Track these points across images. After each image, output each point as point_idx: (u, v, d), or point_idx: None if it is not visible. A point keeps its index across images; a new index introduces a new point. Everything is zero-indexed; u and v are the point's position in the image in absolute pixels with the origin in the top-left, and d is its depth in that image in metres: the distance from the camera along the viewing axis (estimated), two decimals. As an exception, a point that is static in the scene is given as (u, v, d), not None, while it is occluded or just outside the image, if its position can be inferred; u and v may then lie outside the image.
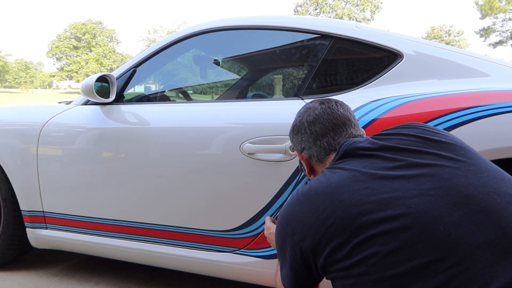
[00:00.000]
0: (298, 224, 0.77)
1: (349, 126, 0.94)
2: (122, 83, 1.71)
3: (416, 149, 0.78)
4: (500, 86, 1.23)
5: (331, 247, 0.70)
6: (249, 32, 1.71)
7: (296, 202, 0.80)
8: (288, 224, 0.79)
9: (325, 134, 0.93)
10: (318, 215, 0.73)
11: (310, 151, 0.96)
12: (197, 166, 1.46)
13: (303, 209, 0.76)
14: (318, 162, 0.96)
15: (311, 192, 0.77)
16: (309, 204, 0.76)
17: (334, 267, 0.71)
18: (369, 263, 0.65)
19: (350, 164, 0.79)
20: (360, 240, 0.67)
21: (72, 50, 48.14)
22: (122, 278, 1.84)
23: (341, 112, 0.95)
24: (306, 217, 0.75)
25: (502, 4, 25.78)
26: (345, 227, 0.69)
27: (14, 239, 1.81)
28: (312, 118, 0.95)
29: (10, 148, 1.75)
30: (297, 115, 1.02)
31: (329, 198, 0.73)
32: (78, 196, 1.66)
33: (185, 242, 1.52)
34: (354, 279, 0.68)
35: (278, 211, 1.36)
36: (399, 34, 1.45)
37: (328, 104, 0.97)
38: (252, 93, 2.54)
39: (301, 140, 0.98)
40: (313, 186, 0.78)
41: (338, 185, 0.74)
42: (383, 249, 0.65)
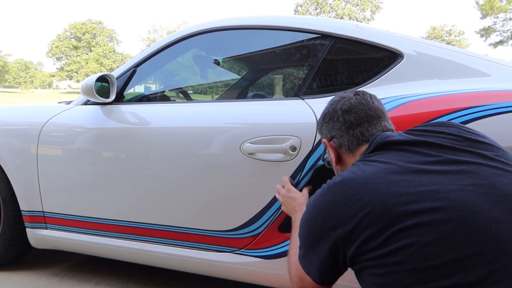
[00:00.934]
0: (330, 213, 0.76)
1: (383, 119, 0.94)
2: (122, 83, 1.71)
3: (453, 146, 0.78)
4: (500, 86, 1.23)
5: (365, 236, 0.70)
6: (249, 32, 1.71)
7: (328, 192, 0.79)
8: (318, 213, 0.79)
9: (359, 124, 0.93)
10: (352, 205, 0.73)
11: (341, 140, 0.96)
12: (197, 166, 1.46)
13: (336, 199, 0.76)
14: (348, 151, 0.95)
15: (344, 182, 0.77)
16: (343, 194, 0.76)
17: (366, 256, 0.71)
18: (406, 253, 0.66)
19: (384, 157, 0.79)
20: (397, 229, 0.67)
21: (72, 50, 48.17)
22: (122, 278, 1.84)
23: (376, 105, 0.95)
24: (339, 207, 0.75)
25: (503, 4, 25.77)
26: (381, 216, 0.69)
27: (14, 239, 1.81)
28: (347, 107, 0.95)
29: (10, 148, 1.75)
30: (330, 103, 1.01)
31: (364, 188, 0.73)
32: (78, 196, 1.66)
33: (185, 242, 1.52)
34: (388, 268, 0.68)
35: (278, 211, 1.36)
36: (399, 34, 1.45)
37: (363, 96, 0.97)
38: (252, 93, 2.54)
39: (332, 128, 0.98)
40: (346, 176, 0.78)
41: (374, 176, 0.74)
42: (421, 239, 0.65)
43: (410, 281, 0.65)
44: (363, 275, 0.75)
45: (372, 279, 0.72)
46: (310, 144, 1.30)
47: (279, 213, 1.36)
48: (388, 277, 0.68)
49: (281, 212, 1.35)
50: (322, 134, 1.04)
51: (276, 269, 1.39)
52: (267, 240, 1.40)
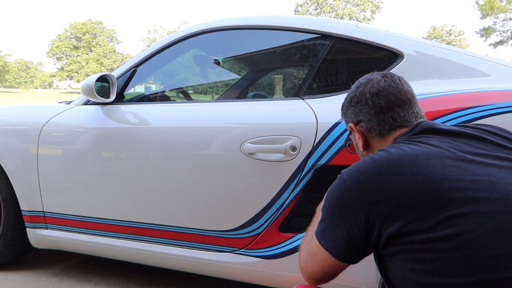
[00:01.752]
0: (374, 186, 0.72)
1: (414, 104, 0.89)
2: (122, 83, 1.71)
3: (502, 143, 0.77)
4: (500, 86, 1.23)
5: (412, 216, 0.67)
6: (249, 32, 1.71)
7: (373, 164, 0.74)
8: (358, 185, 0.74)
9: (390, 108, 0.88)
10: (402, 181, 0.69)
11: (369, 124, 0.91)
12: (198, 166, 1.46)
13: (383, 173, 0.72)
14: (379, 136, 0.90)
15: (394, 158, 0.73)
16: (392, 168, 0.71)
17: (410, 238, 0.67)
18: (460, 240, 0.63)
19: (434, 141, 0.76)
20: (452, 214, 0.64)
21: (72, 50, 48.20)
22: (122, 278, 1.84)
23: (406, 88, 0.90)
24: (386, 181, 0.71)
25: (503, 4, 25.76)
26: (435, 198, 0.66)
27: (14, 239, 1.81)
28: (376, 89, 0.90)
29: (10, 148, 1.75)
30: (356, 86, 0.95)
31: (417, 167, 0.69)
32: (78, 196, 1.66)
33: (185, 242, 1.52)
34: (437, 253, 0.65)
35: (278, 211, 1.36)
36: (399, 34, 1.45)
37: (391, 78, 0.91)
38: (253, 93, 2.54)
39: (359, 112, 0.92)
40: (395, 152, 0.74)
41: (427, 157, 0.71)
42: (478, 228, 0.63)
43: (462, 270, 0.63)
44: (398, 259, 0.71)
45: (413, 264, 0.68)
46: (310, 144, 1.30)
47: (279, 213, 1.36)
48: (437, 264, 0.65)
49: (281, 212, 1.36)
50: (347, 118, 0.98)
51: (276, 269, 1.39)
52: (267, 240, 1.40)
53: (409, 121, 0.87)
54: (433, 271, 0.65)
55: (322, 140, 1.29)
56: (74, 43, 48.27)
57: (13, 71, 61.78)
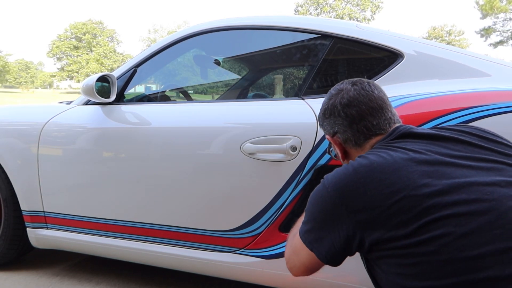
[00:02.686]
0: (354, 195, 0.73)
1: (386, 110, 0.90)
2: (122, 83, 1.71)
3: (479, 144, 0.78)
4: (500, 86, 1.23)
5: (393, 223, 0.68)
6: (249, 32, 1.71)
7: (353, 172, 0.75)
8: (339, 193, 0.75)
9: (362, 118, 0.89)
10: (382, 189, 0.70)
11: (345, 135, 0.92)
12: (198, 166, 1.46)
13: (362, 181, 0.73)
14: (356, 146, 0.92)
15: (373, 165, 0.74)
16: (371, 177, 0.72)
17: (392, 244, 0.69)
18: (440, 243, 0.64)
19: (411, 145, 0.77)
20: (431, 219, 0.65)
21: (72, 50, 48.21)
22: (123, 278, 1.84)
23: (376, 94, 0.91)
24: (366, 190, 0.72)
25: (503, 4, 25.75)
26: (414, 204, 0.67)
27: (15, 239, 1.81)
28: (346, 100, 0.91)
29: (10, 148, 1.75)
30: (328, 98, 0.97)
31: (396, 174, 0.70)
32: (78, 196, 1.66)
33: (186, 242, 1.52)
34: (419, 257, 0.66)
35: (279, 211, 1.36)
36: (399, 34, 1.45)
37: (361, 85, 0.92)
38: (253, 93, 2.54)
39: (333, 124, 0.94)
40: (374, 159, 0.75)
41: (405, 163, 0.72)
42: (457, 230, 0.64)
43: (443, 272, 0.63)
44: (382, 263, 0.72)
45: (397, 269, 0.69)
46: (310, 144, 1.31)
47: (279, 213, 1.36)
48: (419, 268, 0.66)
49: (282, 212, 1.36)
50: (324, 129, 1.00)
51: (276, 269, 1.39)
52: (267, 240, 1.40)
53: (383, 128, 0.88)
54: (415, 275, 0.66)
55: (322, 140, 1.29)
56: (75, 43, 48.28)
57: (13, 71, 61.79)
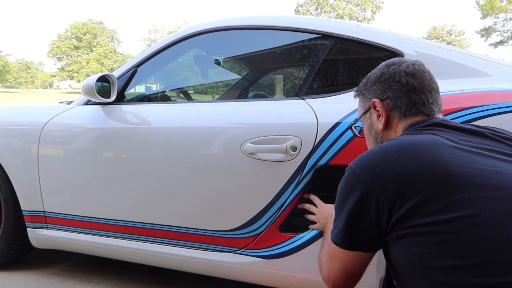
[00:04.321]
0: (382, 172, 0.72)
1: (439, 96, 0.90)
2: (123, 83, 1.71)
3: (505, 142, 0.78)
4: (501, 86, 1.23)
5: (420, 198, 0.67)
6: (250, 32, 1.71)
7: (380, 152, 0.75)
8: (367, 172, 0.74)
9: (422, 90, 0.87)
10: (412, 166, 0.70)
11: (398, 102, 0.89)
12: (198, 166, 1.46)
13: (392, 158, 0.72)
14: (402, 116, 0.89)
15: (403, 145, 0.74)
16: (401, 155, 0.72)
17: (417, 221, 0.68)
18: (468, 222, 0.64)
19: (443, 133, 0.77)
20: (461, 198, 0.65)
21: (73, 50, 48.23)
22: (123, 278, 1.84)
23: (434, 79, 0.91)
24: (395, 166, 0.71)
25: (503, 4, 25.74)
26: (444, 182, 0.67)
27: (15, 239, 1.81)
28: (412, 70, 0.89)
29: (11, 148, 1.75)
30: (387, 64, 0.94)
31: (427, 153, 0.70)
32: (79, 196, 1.66)
33: (186, 242, 1.52)
34: (445, 236, 0.65)
35: (279, 211, 1.36)
36: (400, 34, 1.45)
37: (423, 66, 0.92)
38: (253, 93, 2.54)
39: (388, 88, 0.91)
40: (403, 140, 0.75)
41: (436, 145, 0.72)
42: (487, 212, 0.64)
43: (469, 251, 0.63)
44: (402, 243, 0.71)
45: (419, 248, 0.68)
46: (310, 144, 1.30)
47: (279, 213, 1.36)
48: (444, 246, 0.65)
49: (282, 212, 1.36)
50: (369, 94, 0.96)
51: (276, 269, 1.39)
52: (267, 240, 1.40)
53: (433, 110, 0.88)
54: (439, 253, 0.65)
55: (322, 140, 1.29)
56: (75, 43, 48.29)
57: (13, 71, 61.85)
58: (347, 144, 1.26)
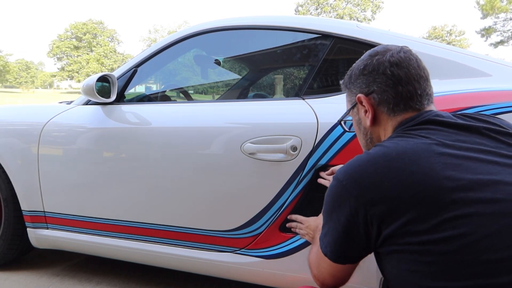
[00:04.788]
0: (371, 186, 0.68)
1: (429, 84, 0.83)
2: (123, 83, 1.71)
3: (503, 140, 0.74)
4: (501, 86, 1.23)
5: (411, 216, 0.64)
6: (250, 32, 1.71)
7: (368, 163, 0.71)
8: (355, 185, 0.70)
9: (409, 81, 0.80)
10: (400, 180, 0.66)
11: (383, 95, 0.82)
12: (198, 166, 1.46)
13: (379, 171, 0.68)
14: (391, 113, 0.83)
15: (391, 154, 0.69)
16: (389, 166, 0.68)
17: (407, 239, 0.65)
18: (461, 243, 0.60)
19: (435, 135, 0.72)
20: (453, 216, 0.62)
21: (73, 50, 48.25)
22: (123, 278, 1.84)
23: (423, 65, 0.84)
24: (383, 181, 0.67)
25: (503, 4, 25.75)
26: (435, 198, 0.63)
27: (15, 239, 1.81)
28: (397, 59, 0.82)
29: (11, 148, 1.75)
30: (370, 54, 0.87)
31: (416, 164, 0.66)
32: (79, 196, 1.66)
33: (186, 242, 1.52)
34: (436, 256, 0.62)
35: (279, 211, 1.36)
36: (400, 34, 1.45)
37: (410, 52, 0.84)
38: (253, 93, 2.54)
39: (372, 81, 0.84)
40: (392, 148, 0.70)
41: (427, 153, 0.67)
42: (480, 230, 0.60)
43: (460, 273, 0.60)
44: (395, 259, 0.68)
45: (411, 265, 0.65)
46: (311, 144, 1.30)
47: (279, 213, 1.36)
48: (435, 267, 0.62)
49: (282, 212, 1.36)
50: (354, 88, 0.89)
51: (276, 269, 1.39)
52: (267, 240, 1.40)
53: (422, 103, 0.82)
54: (431, 274, 0.63)
55: (322, 140, 1.29)
56: (75, 43, 48.31)
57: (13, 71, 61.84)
58: (347, 144, 1.26)
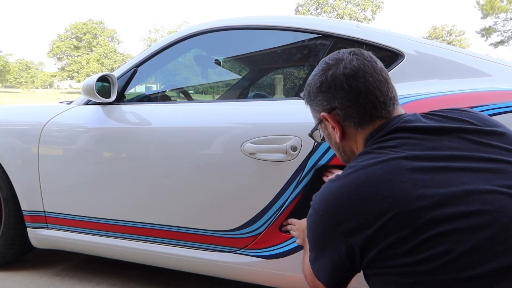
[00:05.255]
0: (346, 215, 0.68)
1: (391, 85, 0.81)
2: (123, 83, 1.71)
3: (478, 140, 0.71)
4: (501, 86, 1.23)
5: (389, 241, 0.64)
6: (250, 32, 1.71)
7: (340, 194, 0.70)
8: (330, 215, 0.70)
9: (369, 91, 0.77)
10: (374, 206, 0.65)
11: (348, 111, 0.80)
12: (198, 166, 1.46)
13: (352, 199, 0.68)
14: (358, 126, 0.81)
15: (361, 180, 0.68)
16: (361, 193, 0.67)
17: (389, 262, 0.65)
18: (439, 262, 0.60)
19: (405, 145, 0.71)
20: (430, 236, 0.61)
21: (73, 50, 48.24)
22: (123, 278, 1.84)
23: (379, 65, 0.81)
24: (357, 208, 0.67)
25: (503, 4, 25.75)
26: (410, 220, 0.62)
27: (15, 239, 1.81)
28: (351, 71, 0.78)
29: (11, 148, 1.75)
30: (322, 68, 0.84)
31: (387, 187, 0.65)
32: (79, 196, 1.66)
33: (186, 242, 1.52)
34: (417, 277, 0.62)
35: (279, 211, 1.36)
36: (400, 34, 1.45)
37: (363, 55, 0.81)
38: (253, 93, 2.54)
39: (332, 98, 0.81)
40: (362, 172, 0.69)
41: (397, 172, 0.66)
42: (457, 248, 0.59)
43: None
44: (379, 280, 0.69)
45: (393, 286, 0.65)
46: (311, 144, 1.30)
47: (280, 213, 1.36)
48: (419, 286, 0.62)
49: (282, 212, 1.36)
50: (316, 106, 0.87)
51: (277, 269, 1.39)
52: (268, 240, 1.40)
53: (388, 110, 0.79)
54: None
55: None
56: (75, 43, 48.29)
57: (13, 71, 61.81)
58: (347, 144, 1.26)
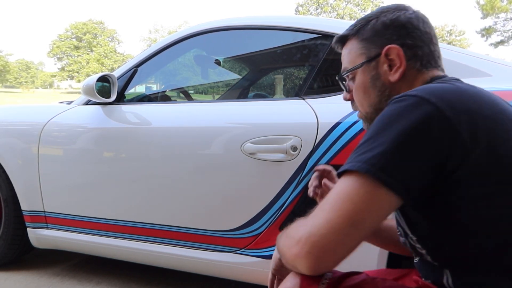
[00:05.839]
0: (468, 111, 0.58)
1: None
2: (123, 83, 1.71)
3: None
4: (501, 86, 1.23)
5: (498, 135, 0.57)
6: (250, 32, 1.71)
7: (457, 90, 0.63)
8: (448, 106, 0.57)
9: (436, 42, 0.76)
10: (486, 101, 0.61)
11: (418, 51, 0.73)
12: (198, 166, 1.46)
13: (476, 98, 0.61)
14: (422, 68, 0.73)
15: (476, 88, 0.65)
16: (482, 97, 0.62)
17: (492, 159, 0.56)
18: None
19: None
20: None
21: (73, 50, 48.25)
22: (123, 278, 1.84)
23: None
24: (476, 102, 0.60)
25: (504, 4, 25.75)
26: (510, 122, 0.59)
27: (15, 239, 1.81)
28: (424, 17, 0.76)
29: (11, 148, 1.75)
30: (388, 10, 0.77)
31: (500, 102, 0.64)
32: (79, 196, 1.66)
33: (186, 242, 1.52)
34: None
35: (279, 211, 1.36)
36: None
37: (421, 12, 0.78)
38: (253, 93, 2.54)
39: (406, 34, 0.73)
40: (456, 84, 0.65)
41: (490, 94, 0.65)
42: None
43: None
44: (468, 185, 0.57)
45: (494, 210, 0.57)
46: (311, 144, 1.30)
47: (280, 213, 1.36)
48: None
49: (282, 212, 1.36)
50: (379, 39, 0.76)
51: (277, 269, 1.39)
52: (268, 240, 1.40)
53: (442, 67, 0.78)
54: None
55: (323, 140, 1.29)
56: (75, 43, 48.30)
57: (14, 71, 61.82)
58: (347, 144, 1.26)
